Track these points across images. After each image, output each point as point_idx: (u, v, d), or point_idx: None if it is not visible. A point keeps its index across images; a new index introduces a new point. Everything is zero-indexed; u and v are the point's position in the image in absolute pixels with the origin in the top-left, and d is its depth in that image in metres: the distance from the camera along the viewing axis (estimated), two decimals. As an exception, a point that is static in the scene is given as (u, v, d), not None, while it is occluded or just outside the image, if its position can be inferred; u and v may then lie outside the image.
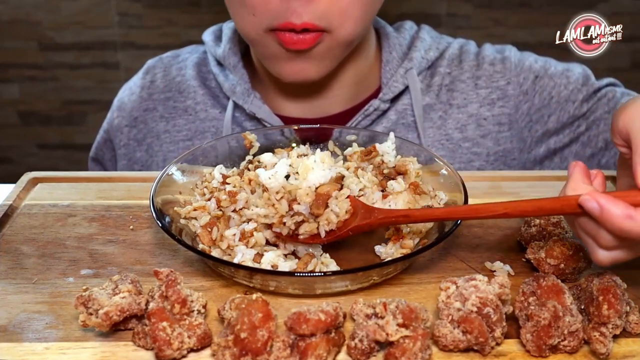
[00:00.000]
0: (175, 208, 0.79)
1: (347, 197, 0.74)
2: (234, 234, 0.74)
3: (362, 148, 0.88)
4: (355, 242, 0.80)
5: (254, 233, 0.75)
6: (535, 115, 1.11)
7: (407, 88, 1.10)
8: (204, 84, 1.16)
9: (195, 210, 0.79)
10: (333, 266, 0.73)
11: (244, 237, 0.75)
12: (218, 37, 1.17)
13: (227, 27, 1.16)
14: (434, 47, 1.13)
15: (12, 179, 0.94)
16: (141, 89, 1.19)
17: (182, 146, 1.13)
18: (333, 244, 0.78)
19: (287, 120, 1.09)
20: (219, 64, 1.15)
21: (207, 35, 1.19)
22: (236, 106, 1.11)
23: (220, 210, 0.79)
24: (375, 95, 1.12)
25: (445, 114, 1.11)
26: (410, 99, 1.10)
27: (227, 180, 0.82)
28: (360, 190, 0.79)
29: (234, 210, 0.79)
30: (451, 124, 1.11)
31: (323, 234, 0.73)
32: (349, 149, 0.88)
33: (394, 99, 1.10)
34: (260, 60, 1.06)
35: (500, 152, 1.11)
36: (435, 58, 1.13)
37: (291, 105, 1.11)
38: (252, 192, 0.79)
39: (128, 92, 1.21)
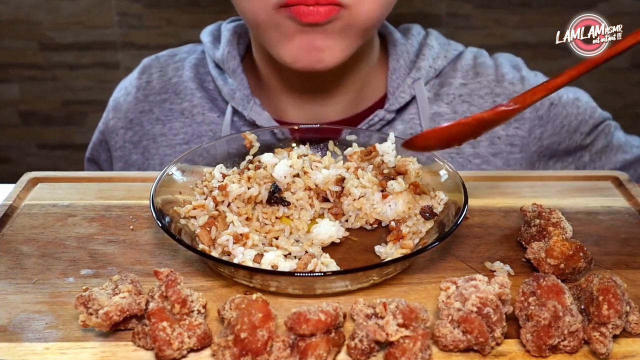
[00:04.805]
0: (175, 208, 0.79)
1: None
2: (227, 240, 0.74)
3: (362, 148, 0.88)
4: (355, 242, 0.80)
5: (250, 235, 0.75)
6: (547, 141, 1.11)
7: (413, 98, 1.08)
8: (201, 86, 1.14)
9: (194, 209, 0.79)
10: (333, 266, 0.73)
11: (238, 240, 0.75)
12: (216, 38, 1.14)
13: (226, 29, 1.13)
14: (441, 55, 1.11)
15: (12, 179, 0.94)
16: (137, 89, 1.17)
17: (179, 150, 1.12)
18: (333, 245, 0.79)
19: None
20: (218, 66, 1.12)
21: (205, 35, 1.16)
22: (235, 111, 1.09)
23: (217, 210, 0.79)
24: (379, 103, 1.10)
25: None
26: (417, 109, 1.08)
27: (226, 180, 0.82)
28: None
29: (228, 205, 0.79)
30: None
31: None
32: (349, 149, 0.88)
33: (400, 109, 1.08)
34: (269, 49, 0.99)
35: None
36: (443, 67, 1.11)
37: (293, 111, 1.09)
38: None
39: (123, 92, 1.19)
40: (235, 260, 0.72)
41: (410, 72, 1.08)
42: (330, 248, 0.78)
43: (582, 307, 0.64)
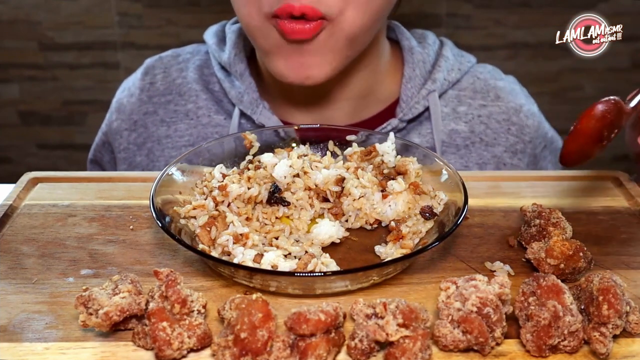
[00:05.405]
0: (175, 208, 0.79)
1: None
2: (227, 240, 0.74)
3: (362, 148, 0.88)
4: (355, 242, 0.80)
5: (250, 235, 0.75)
6: None
7: (426, 109, 1.08)
8: (206, 87, 1.13)
9: (194, 209, 0.79)
10: (333, 266, 0.73)
11: (238, 240, 0.75)
12: (221, 40, 1.14)
13: (230, 30, 1.12)
14: (455, 67, 1.11)
15: (12, 179, 0.94)
16: (140, 91, 1.16)
17: (184, 152, 1.11)
18: (333, 245, 0.79)
19: None
20: (224, 68, 1.11)
21: (210, 37, 1.15)
22: (242, 114, 1.08)
23: (217, 210, 0.79)
24: (389, 110, 1.09)
25: (472, 145, 1.10)
26: (430, 122, 1.08)
27: (226, 180, 0.82)
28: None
29: (228, 205, 0.79)
30: (473, 158, 1.09)
31: None
32: (349, 149, 0.88)
33: (414, 120, 1.08)
34: (263, 59, 1.01)
35: None
36: (457, 80, 1.10)
37: (299, 114, 1.09)
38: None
39: (127, 93, 1.19)
40: (235, 260, 0.72)
41: (425, 82, 1.07)
42: (330, 248, 0.78)
43: (582, 307, 0.64)
